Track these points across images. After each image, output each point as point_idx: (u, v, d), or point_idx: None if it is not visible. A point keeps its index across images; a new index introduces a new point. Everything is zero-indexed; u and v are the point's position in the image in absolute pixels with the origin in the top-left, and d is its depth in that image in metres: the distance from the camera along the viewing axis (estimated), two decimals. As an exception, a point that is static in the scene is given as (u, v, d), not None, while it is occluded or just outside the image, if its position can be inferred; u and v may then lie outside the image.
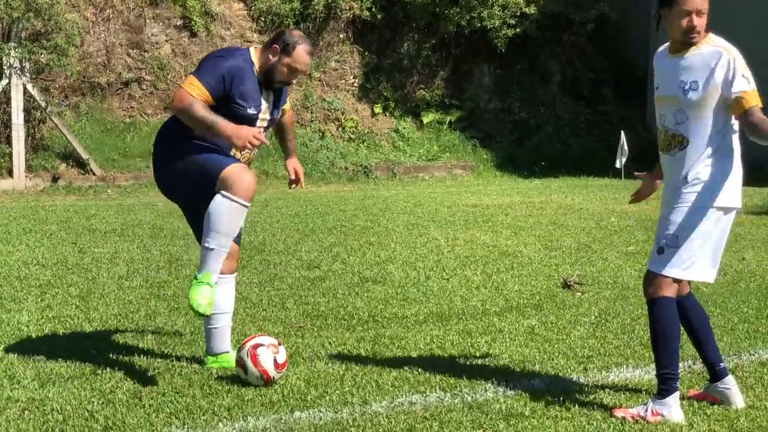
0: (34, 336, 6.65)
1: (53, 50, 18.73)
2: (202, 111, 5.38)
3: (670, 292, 4.83)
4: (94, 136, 20.03)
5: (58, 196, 17.89)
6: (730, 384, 5.05)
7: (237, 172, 5.42)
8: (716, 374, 5.06)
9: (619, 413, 4.87)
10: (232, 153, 5.64)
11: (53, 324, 7.00)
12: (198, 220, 5.69)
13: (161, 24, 21.99)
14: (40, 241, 11.25)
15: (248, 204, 5.49)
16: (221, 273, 5.74)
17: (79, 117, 20.22)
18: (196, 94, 5.42)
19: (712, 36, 4.82)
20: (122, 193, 18.28)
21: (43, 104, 18.85)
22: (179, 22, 22.11)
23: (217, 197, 5.42)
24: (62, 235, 11.91)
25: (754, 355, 6.19)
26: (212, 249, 5.42)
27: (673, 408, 4.81)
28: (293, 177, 6.26)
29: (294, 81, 5.84)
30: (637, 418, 4.80)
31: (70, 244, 11.05)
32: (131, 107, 21.07)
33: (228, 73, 5.51)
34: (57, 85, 20.00)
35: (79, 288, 8.41)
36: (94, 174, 18.99)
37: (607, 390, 5.39)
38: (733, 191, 4.76)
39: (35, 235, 11.85)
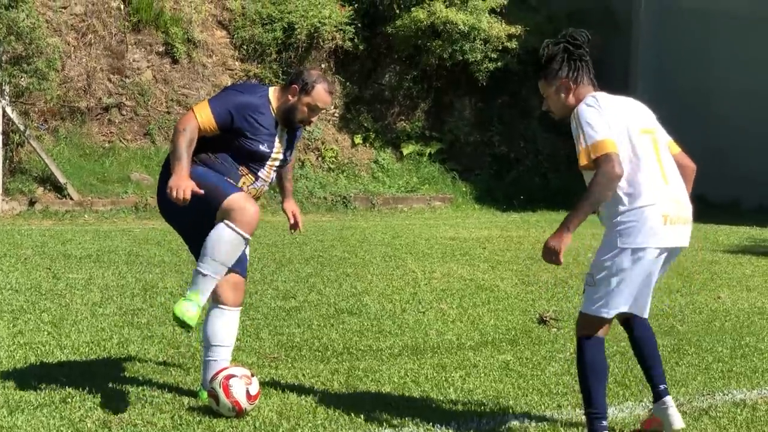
0: (4, 362, 6.57)
1: (34, 74, 18.67)
2: (182, 142, 5.41)
3: (592, 331, 4.87)
4: (72, 160, 19.95)
5: (34, 220, 17.78)
6: (669, 404, 5.11)
7: (241, 203, 5.43)
8: (657, 394, 5.15)
9: None
10: (240, 184, 5.64)
11: (24, 350, 6.93)
12: (198, 248, 5.66)
13: (143, 50, 21.98)
14: (15, 266, 11.16)
15: (250, 237, 5.51)
16: (226, 304, 5.70)
17: (57, 141, 20.14)
18: (200, 119, 5.48)
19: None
20: (99, 219, 18.20)
21: (21, 128, 18.78)
22: (161, 49, 22.10)
23: (220, 225, 5.43)
24: (37, 260, 11.83)
25: (727, 395, 6.18)
26: (205, 275, 5.43)
27: None
28: (292, 221, 6.27)
29: (315, 119, 5.88)
30: None
31: (45, 270, 10.97)
32: (111, 132, 21.00)
33: (240, 107, 5.56)
34: (36, 109, 19.93)
35: (52, 314, 8.34)
36: (71, 199, 18.90)
37: (580, 428, 5.36)
38: (643, 232, 4.76)
39: (9, 259, 11.76)
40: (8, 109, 18.58)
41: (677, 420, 5.08)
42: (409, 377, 6.48)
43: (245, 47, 22.87)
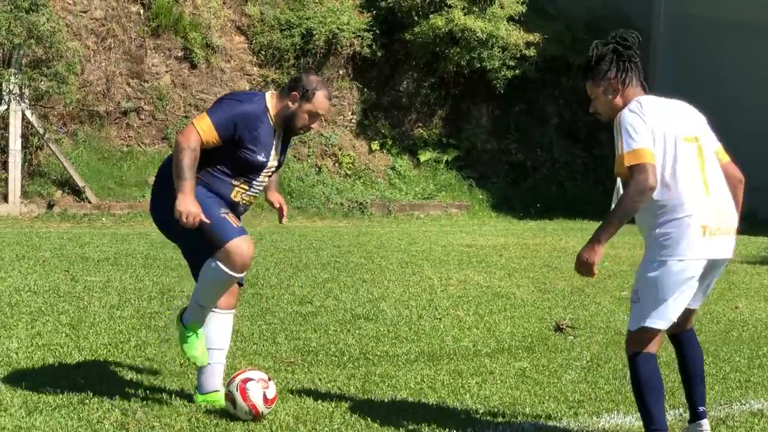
0: (22, 363, 6.61)
1: (53, 77, 18.77)
2: (187, 161, 5.35)
3: (641, 347, 4.84)
4: (90, 164, 20.03)
5: (52, 222, 17.86)
6: (705, 428, 5.05)
7: (239, 248, 5.42)
8: (694, 415, 5.09)
9: None
10: (232, 195, 5.61)
11: (42, 352, 6.97)
12: (193, 257, 5.69)
13: (162, 55, 22.06)
14: (33, 268, 11.22)
15: (242, 275, 5.56)
16: (219, 308, 5.74)
17: (76, 144, 20.23)
18: (202, 132, 5.41)
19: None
20: (117, 222, 18.26)
21: (41, 131, 18.87)
22: (180, 54, 22.18)
23: (213, 266, 5.45)
24: (55, 262, 11.88)
25: (745, 405, 6.17)
26: (203, 307, 5.60)
27: None
28: (278, 206, 6.12)
29: (315, 126, 5.84)
30: None
31: (63, 272, 11.02)
32: (129, 136, 21.09)
33: (241, 118, 5.49)
34: (56, 113, 20.02)
35: (70, 316, 8.37)
36: (89, 202, 18.97)
37: (597, 436, 5.36)
38: (682, 243, 4.72)
39: (28, 261, 11.82)
40: (28, 113, 18.67)
41: None
42: (426, 383, 6.48)
43: (263, 53, 22.93)
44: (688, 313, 5.03)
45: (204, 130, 5.43)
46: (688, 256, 4.70)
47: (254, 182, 5.67)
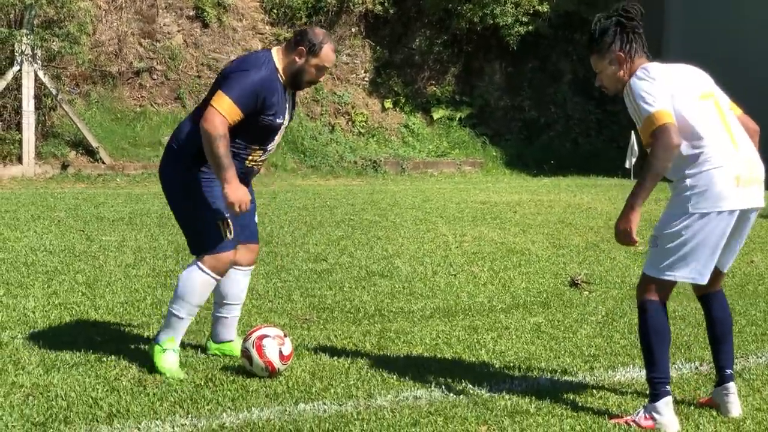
0: (39, 322, 6.64)
1: (65, 38, 18.75)
2: (222, 149, 5.20)
3: (655, 295, 4.83)
4: (104, 124, 20.04)
5: (67, 183, 17.90)
6: (731, 391, 5.01)
7: (229, 257, 5.46)
8: (721, 378, 5.04)
9: (613, 421, 4.85)
10: (247, 163, 5.54)
11: (59, 311, 7.00)
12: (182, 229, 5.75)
13: (173, 14, 21.99)
14: (48, 228, 11.25)
15: (221, 278, 5.55)
16: (240, 265, 5.75)
17: (89, 105, 20.23)
18: (226, 114, 5.23)
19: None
20: (131, 182, 18.29)
21: (53, 92, 18.87)
22: (191, 13, 22.11)
23: (194, 270, 5.46)
24: (70, 222, 11.92)
25: (761, 357, 6.16)
26: (181, 318, 5.49)
27: (664, 413, 4.77)
28: None
29: (321, 79, 5.74)
30: (631, 423, 4.78)
31: (78, 232, 11.06)
32: (142, 97, 21.08)
33: (260, 88, 5.34)
34: (68, 73, 20.01)
35: (86, 275, 8.41)
36: (103, 162, 19.01)
37: (613, 389, 5.37)
38: (715, 195, 4.70)
39: (43, 221, 11.85)
40: (40, 73, 18.66)
41: (735, 408, 4.98)
42: (441, 339, 6.49)
43: (275, 11, 22.84)
44: (717, 274, 5.00)
45: (227, 111, 5.24)
46: (722, 206, 4.68)
47: (269, 146, 5.63)
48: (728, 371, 5.02)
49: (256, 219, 5.94)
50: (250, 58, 5.60)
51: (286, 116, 5.59)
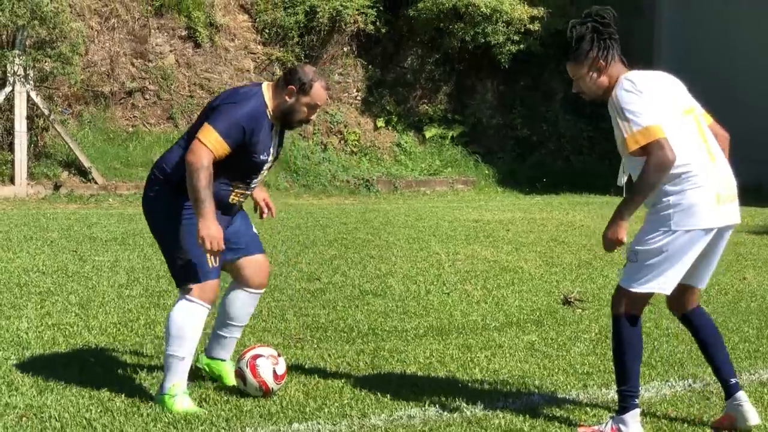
0: (33, 343, 6.63)
1: (57, 58, 18.74)
2: (203, 181, 5.11)
3: (629, 309, 4.88)
4: (96, 144, 20.03)
5: (59, 203, 17.87)
6: (742, 400, 5.01)
7: (213, 284, 5.39)
8: (728, 390, 5.06)
9: (582, 430, 4.89)
10: (229, 200, 5.46)
11: (52, 331, 6.99)
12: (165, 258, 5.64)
13: (166, 34, 22.02)
14: (41, 249, 11.24)
15: (211, 308, 5.44)
16: (251, 287, 5.70)
17: (81, 125, 20.22)
18: (212, 147, 5.16)
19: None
20: (123, 202, 18.27)
21: (46, 112, 18.85)
22: (184, 33, 22.13)
23: (182, 303, 5.35)
24: (63, 242, 11.90)
25: (754, 375, 6.18)
26: (183, 358, 5.31)
27: (631, 425, 4.83)
28: (264, 208, 5.94)
29: (313, 117, 5.60)
30: None
31: (71, 252, 11.04)
32: (134, 117, 21.08)
33: (247, 123, 5.26)
34: (60, 93, 20.00)
35: (79, 296, 8.40)
36: (95, 182, 18.99)
37: (606, 407, 5.37)
38: (697, 213, 4.75)
39: (36, 242, 11.84)
40: (33, 94, 18.65)
41: (753, 416, 4.99)
42: (435, 357, 6.50)
43: (267, 31, 22.87)
44: (693, 291, 5.06)
45: (213, 144, 5.17)
46: (704, 225, 4.74)
47: (252, 182, 5.55)
48: (732, 380, 5.04)
49: (254, 230, 5.84)
50: (239, 91, 5.51)
51: (271, 154, 5.49)
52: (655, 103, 4.76)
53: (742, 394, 5.03)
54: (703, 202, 4.74)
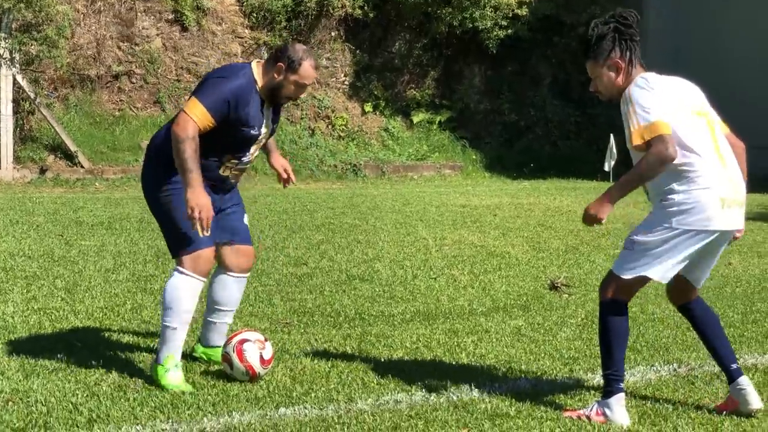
0: (19, 327, 6.62)
1: (43, 41, 18.67)
2: (189, 152, 5.17)
3: (618, 295, 4.93)
4: (82, 128, 19.97)
5: (45, 188, 17.83)
6: (744, 384, 5.05)
7: (207, 254, 5.43)
8: (730, 375, 5.10)
9: (567, 414, 4.93)
10: (221, 171, 5.51)
11: (38, 316, 6.98)
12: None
13: (152, 18, 21.93)
14: (27, 233, 11.21)
15: (206, 279, 5.49)
16: (235, 272, 5.73)
17: (68, 109, 20.15)
18: (197, 119, 5.22)
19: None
20: (110, 186, 18.24)
21: (32, 95, 18.79)
22: (170, 16, 22.05)
23: (175, 276, 5.41)
24: (49, 227, 11.87)
25: (739, 359, 6.19)
26: (175, 328, 5.38)
27: (615, 409, 4.86)
28: (284, 175, 6.01)
29: (302, 95, 5.69)
30: (583, 417, 4.88)
31: (57, 237, 11.02)
32: (121, 100, 21.02)
33: (232, 96, 5.32)
34: (46, 77, 19.93)
35: (65, 280, 8.38)
36: (82, 167, 18.94)
37: (592, 391, 5.39)
38: (701, 215, 4.77)
39: (22, 226, 11.81)
40: (18, 77, 18.59)
41: (755, 400, 5.02)
42: (421, 342, 6.50)
43: (255, 15, 22.81)
44: (691, 288, 5.13)
45: (198, 116, 5.23)
46: (707, 226, 4.77)
47: (245, 156, 5.59)
48: (733, 366, 5.08)
49: (246, 221, 5.89)
50: (228, 67, 5.64)
51: (263, 128, 5.54)
52: (665, 101, 4.78)
53: (744, 379, 5.08)
54: (707, 204, 4.76)
